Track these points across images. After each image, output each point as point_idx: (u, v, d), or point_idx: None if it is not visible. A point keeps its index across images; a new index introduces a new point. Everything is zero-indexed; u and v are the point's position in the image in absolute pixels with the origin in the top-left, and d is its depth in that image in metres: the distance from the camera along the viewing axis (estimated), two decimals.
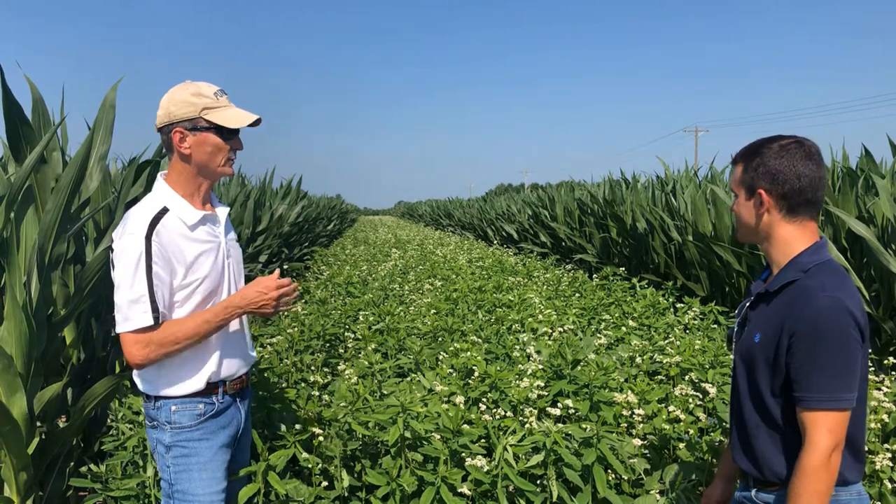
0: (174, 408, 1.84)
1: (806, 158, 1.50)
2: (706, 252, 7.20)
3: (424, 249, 12.82)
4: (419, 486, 2.29)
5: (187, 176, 1.86)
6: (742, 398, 1.59)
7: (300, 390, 3.19)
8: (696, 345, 3.91)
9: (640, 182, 10.89)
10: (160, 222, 1.77)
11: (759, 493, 1.56)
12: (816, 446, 1.39)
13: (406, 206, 71.88)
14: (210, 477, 1.87)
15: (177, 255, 1.78)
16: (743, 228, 1.62)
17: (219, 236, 1.93)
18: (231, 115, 1.84)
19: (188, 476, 1.85)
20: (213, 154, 1.85)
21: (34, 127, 3.01)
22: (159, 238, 1.75)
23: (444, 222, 31.95)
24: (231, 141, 1.87)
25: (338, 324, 4.75)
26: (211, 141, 1.83)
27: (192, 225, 1.84)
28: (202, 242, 1.86)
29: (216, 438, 1.90)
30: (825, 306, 1.40)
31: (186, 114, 1.80)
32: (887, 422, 2.85)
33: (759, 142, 1.58)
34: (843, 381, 1.40)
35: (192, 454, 1.85)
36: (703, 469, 2.59)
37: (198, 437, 1.86)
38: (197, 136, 1.82)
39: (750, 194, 1.56)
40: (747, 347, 1.56)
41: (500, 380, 3.13)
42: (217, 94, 1.85)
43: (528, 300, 5.86)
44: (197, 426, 1.85)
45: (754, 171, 1.54)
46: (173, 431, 1.84)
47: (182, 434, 1.84)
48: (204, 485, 1.85)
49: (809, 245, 1.53)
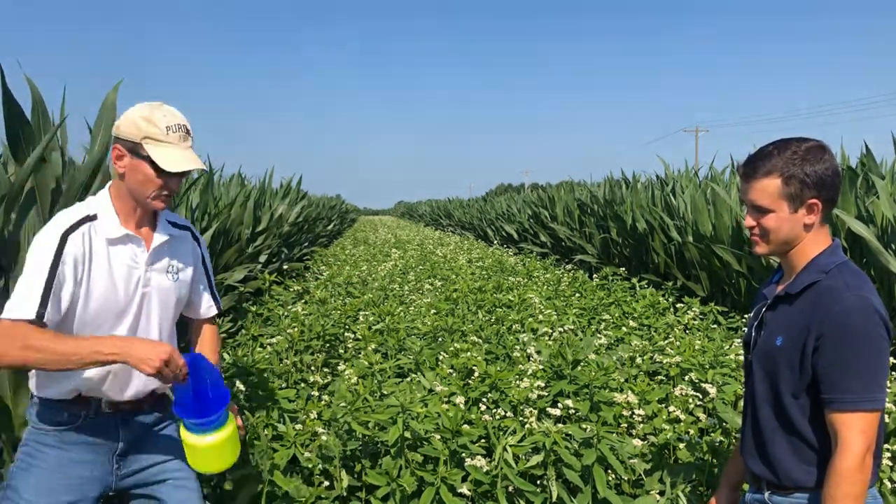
0: (39, 408, 1.77)
1: (834, 158, 1.49)
2: (706, 252, 7.20)
3: (424, 249, 12.83)
4: (419, 486, 2.29)
5: (123, 193, 1.78)
6: (759, 402, 1.56)
7: (300, 390, 3.19)
8: (696, 345, 3.91)
9: (640, 182, 10.89)
10: (84, 225, 1.71)
11: (772, 496, 1.54)
12: (850, 448, 1.36)
13: (406, 206, 71.87)
14: (47, 488, 1.73)
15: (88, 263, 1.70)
16: (778, 244, 1.53)
17: (139, 263, 1.80)
18: (170, 156, 1.71)
19: (24, 476, 1.74)
20: (143, 183, 1.74)
21: (34, 127, 3.01)
22: (75, 241, 1.68)
23: (443, 222, 31.95)
24: (166, 179, 1.74)
25: (338, 324, 4.74)
26: (143, 170, 1.72)
27: (111, 240, 1.75)
28: (115, 261, 1.75)
29: (70, 451, 1.76)
30: (852, 306, 1.38)
31: (129, 135, 1.72)
32: (887, 422, 2.85)
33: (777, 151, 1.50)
34: (874, 380, 1.37)
35: (37, 456, 1.75)
36: (703, 469, 2.59)
37: (49, 443, 1.76)
38: (132, 161, 1.73)
39: (797, 205, 1.48)
40: (767, 351, 1.53)
41: (500, 380, 3.13)
42: (171, 128, 1.72)
43: (528, 300, 5.86)
44: (52, 432, 1.76)
45: (801, 182, 1.46)
46: (31, 430, 1.78)
47: (36, 434, 1.77)
48: (36, 491, 1.72)
49: (826, 246, 1.51)
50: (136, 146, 1.71)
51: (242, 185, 10.20)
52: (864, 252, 5.34)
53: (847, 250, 5.59)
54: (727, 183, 8.47)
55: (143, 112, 1.73)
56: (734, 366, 3.56)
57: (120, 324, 1.78)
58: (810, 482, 1.47)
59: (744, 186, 1.55)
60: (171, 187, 1.77)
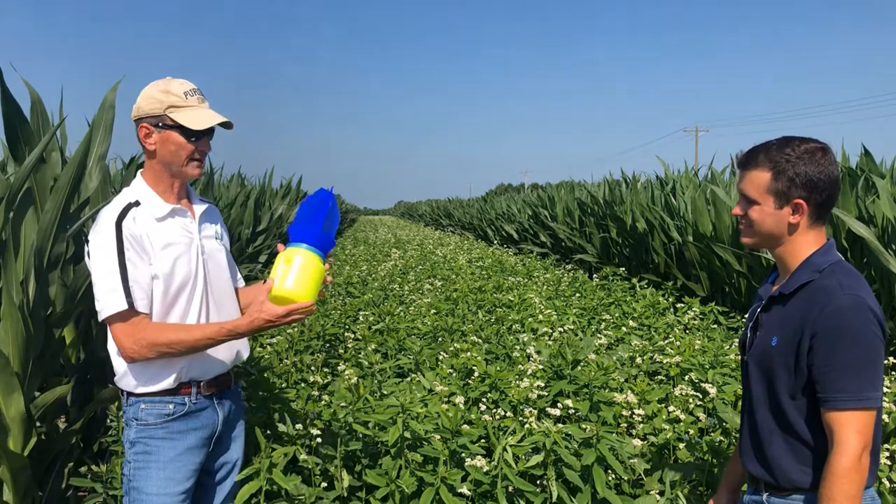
0: (143, 406, 1.82)
1: (833, 164, 1.47)
2: (706, 252, 7.20)
3: (424, 249, 12.83)
4: (419, 486, 2.28)
5: (158, 172, 1.85)
6: (756, 404, 1.56)
7: (300, 390, 3.19)
8: (696, 345, 3.91)
9: (640, 182, 10.88)
10: (131, 211, 1.77)
11: (770, 497, 1.53)
12: (846, 448, 1.36)
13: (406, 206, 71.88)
14: (168, 477, 1.82)
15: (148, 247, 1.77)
16: (762, 236, 1.55)
17: (192, 232, 1.90)
18: (196, 116, 1.81)
19: (145, 474, 1.81)
20: (175, 153, 1.82)
21: (33, 127, 3.01)
22: (129, 226, 1.75)
23: (444, 222, 31.94)
24: (197, 142, 1.83)
25: (338, 324, 4.74)
26: (174, 140, 1.81)
27: (161, 217, 1.83)
28: (172, 236, 1.83)
29: (183, 440, 1.85)
30: (846, 305, 1.38)
31: (153, 110, 1.79)
32: (887, 422, 2.84)
33: (779, 146, 1.50)
34: (869, 379, 1.37)
35: (154, 452, 1.82)
36: (703, 469, 2.58)
37: (161, 436, 1.82)
38: (161, 134, 1.80)
39: (783, 203, 1.49)
40: (763, 351, 1.53)
41: (500, 380, 3.12)
42: (188, 93, 1.81)
43: (528, 300, 5.86)
44: (162, 425, 1.82)
45: (791, 180, 1.46)
46: (138, 428, 1.82)
47: (146, 431, 1.82)
48: (160, 485, 1.81)
49: (819, 246, 1.50)
50: (160, 118, 1.80)
51: (242, 185, 10.20)
52: (865, 252, 5.34)
53: (847, 250, 5.59)
54: (727, 183, 8.47)
55: (158, 87, 1.81)
56: (734, 366, 3.56)
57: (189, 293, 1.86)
58: (808, 483, 1.47)
59: (739, 174, 1.58)
60: (202, 149, 1.86)
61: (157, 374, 1.81)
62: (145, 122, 1.80)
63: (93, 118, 3.17)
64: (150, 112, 1.79)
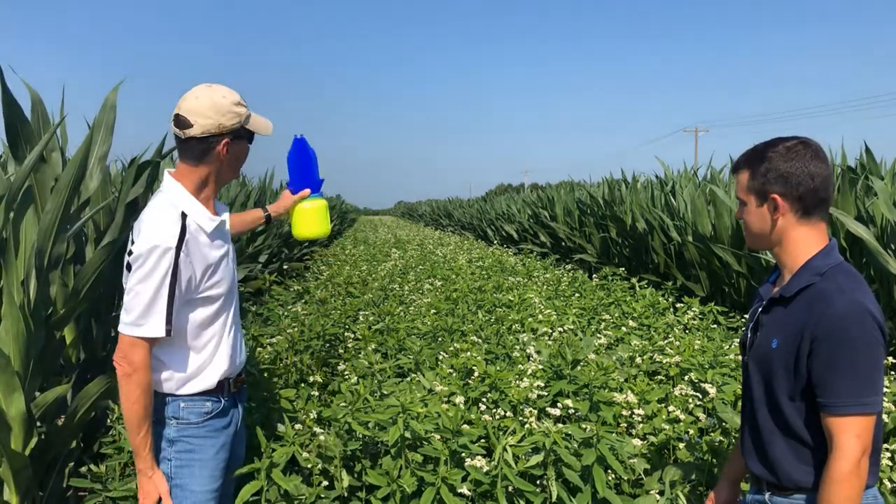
0: (183, 404, 1.84)
1: (814, 158, 1.47)
2: (706, 252, 7.21)
3: (424, 249, 12.82)
4: (419, 486, 2.28)
5: (205, 179, 1.84)
6: (756, 404, 1.56)
7: (300, 390, 3.19)
8: (696, 345, 3.91)
9: (640, 182, 10.89)
10: (186, 234, 1.74)
11: (773, 496, 1.53)
12: (845, 452, 1.36)
13: (406, 206, 71.89)
14: (209, 475, 1.88)
15: (200, 263, 1.78)
16: (754, 236, 1.57)
17: (228, 242, 1.94)
18: (262, 123, 1.89)
19: (190, 472, 1.85)
20: (240, 160, 1.89)
21: (33, 127, 3.01)
22: (188, 248, 1.74)
23: (443, 222, 31.94)
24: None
25: (338, 324, 4.74)
26: (244, 148, 1.88)
27: (211, 233, 1.83)
28: (219, 249, 1.86)
29: (219, 437, 1.91)
30: (847, 309, 1.38)
31: (235, 124, 1.81)
32: (887, 422, 2.85)
33: (761, 146, 1.54)
34: (869, 384, 1.37)
35: (196, 451, 1.86)
36: (703, 469, 2.59)
37: (203, 435, 1.87)
38: (237, 145, 1.85)
39: (762, 200, 1.51)
40: (763, 353, 1.53)
41: (500, 380, 3.13)
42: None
43: (528, 300, 5.86)
44: (203, 423, 1.87)
45: (764, 176, 1.49)
46: (179, 427, 1.84)
47: (188, 430, 1.85)
48: (204, 482, 1.87)
49: (821, 247, 1.50)
50: (240, 129, 1.84)
51: (243, 185, 10.20)
52: (864, 253, 5.34)
53: (846, 251, 5.59)
54: (726, 183, 8.48)
55: (225, 97, 1.80)
56: (734, 366, 3.56)
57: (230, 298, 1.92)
58: (810, 483, 1.47)
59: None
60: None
61: (203, 376, 1.85)
62: (227, 136, 1.81)
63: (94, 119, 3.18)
64: (232, 126, 1.80)
